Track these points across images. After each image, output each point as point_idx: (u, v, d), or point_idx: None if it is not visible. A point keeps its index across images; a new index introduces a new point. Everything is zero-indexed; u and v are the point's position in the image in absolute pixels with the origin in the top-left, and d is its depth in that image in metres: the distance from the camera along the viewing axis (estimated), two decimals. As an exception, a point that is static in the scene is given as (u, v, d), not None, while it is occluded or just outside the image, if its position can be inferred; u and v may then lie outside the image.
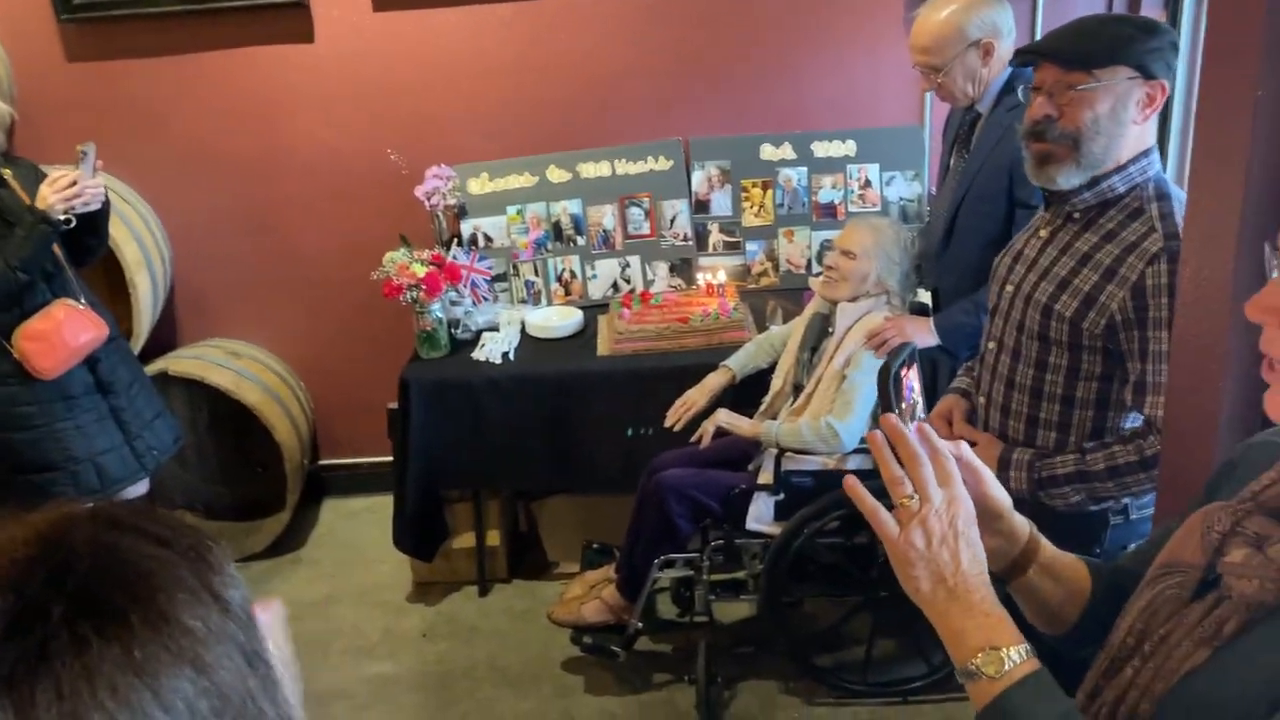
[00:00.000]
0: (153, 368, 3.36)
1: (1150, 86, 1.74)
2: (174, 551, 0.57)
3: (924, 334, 2.66)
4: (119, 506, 0.60)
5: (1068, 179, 1.81)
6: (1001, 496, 1.04)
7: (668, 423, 2.89)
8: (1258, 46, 1.28)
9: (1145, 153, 1.80)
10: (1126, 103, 1.74)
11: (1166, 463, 1.63)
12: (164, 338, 3.70)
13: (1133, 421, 1.86)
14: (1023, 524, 1.07)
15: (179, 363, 3.47)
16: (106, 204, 2.70)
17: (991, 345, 2.02)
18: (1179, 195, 1.79)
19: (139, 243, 3.36)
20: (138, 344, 3.35)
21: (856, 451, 2.68)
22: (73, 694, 0.48)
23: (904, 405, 1.01)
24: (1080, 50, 1.75)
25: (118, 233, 3.20)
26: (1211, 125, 1.43)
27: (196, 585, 0.56)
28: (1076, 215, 1.85)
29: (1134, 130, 1.77)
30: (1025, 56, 1.87)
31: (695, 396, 2.91)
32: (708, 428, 2.80)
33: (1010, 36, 2.61)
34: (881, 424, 0.97)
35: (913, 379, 1.07)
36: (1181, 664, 0.89)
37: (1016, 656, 0.89)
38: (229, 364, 3.52)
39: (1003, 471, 1.90)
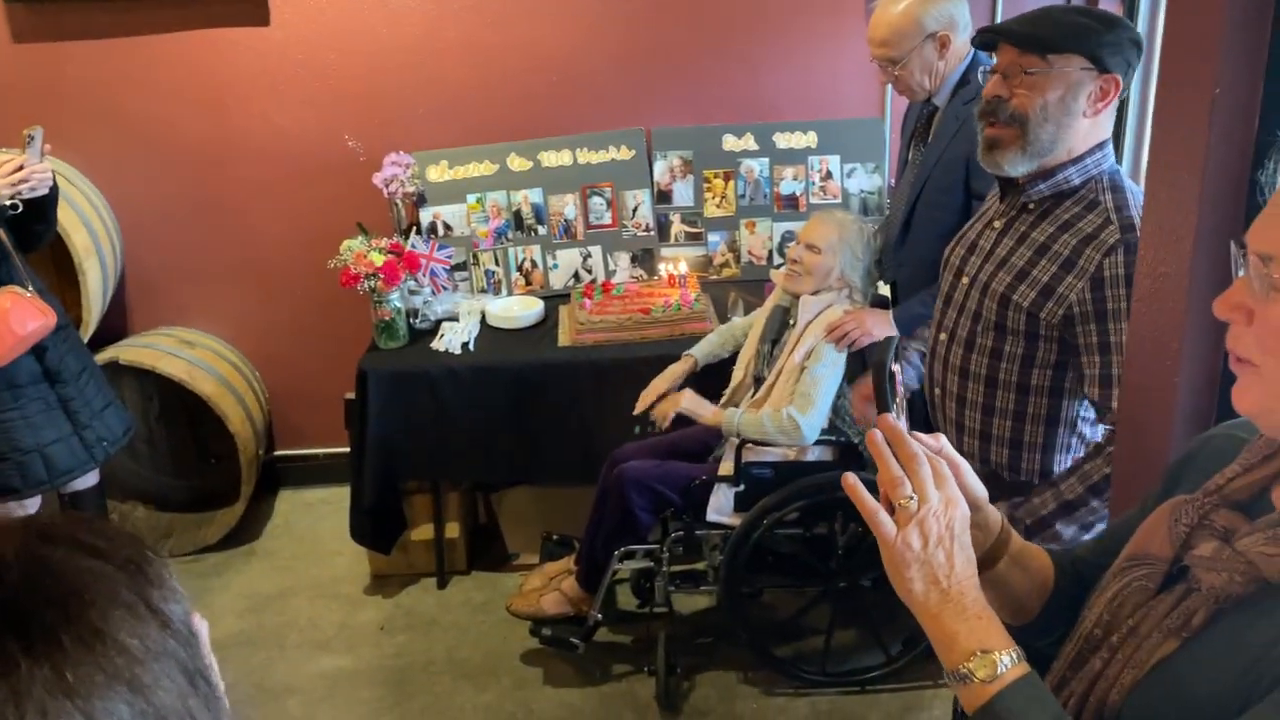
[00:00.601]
0: (103, 357, 3.29)
1: (1104, 80, 1.75)
2: (110, 564, 0.54)
3: (884, 327, 2.67)
4: (52, 516, 0.57)
5: (1014, 165, 1.82)
6: (979, 488, 1.04)
7: (637, 410, 2.88)
8: (1216, 44, 1.29)
9: (1100, 146, 1.82)
10: (1078, 93, 1.75)
11: (1122, 456, 1.64)
12: (114, 326, 3.62)
13: (1087, 409, 1.88)
14: (996, 516, 1.08)
15: (130, 351, 3.39)
16: (54, 189, 2.63)
17: (943, 336, 2.03)
18: (1133, 188, 1.81)
19: (88, 229, 3.28)
20: (87, 332, 3.28)
21: (817, 443, 2.69)
22: None
23: (898, 400, 1.00)
24: (1037, 34, 1.77)
25: (66, 219, 3.12)
26: (1169, 122, 1.44)
27: (134, 600, 0.53)
28: (1032, 206, 1.87)
29: (1084, 122, 1.78)
30: (985, 36, 1.89)
31: (660, 385, 2.91)
32: (666, 409, 2.79)
33: (967, 30, 2.63)
34: (879, 425, 0.96)
35: (898, 372, 1.06)
36: (1151, 655, 0.90)
37: (1009, 660, 0.89)
38: (181, 353, 3.46)
39: None
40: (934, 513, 0.91)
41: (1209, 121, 1.33)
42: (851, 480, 0.95)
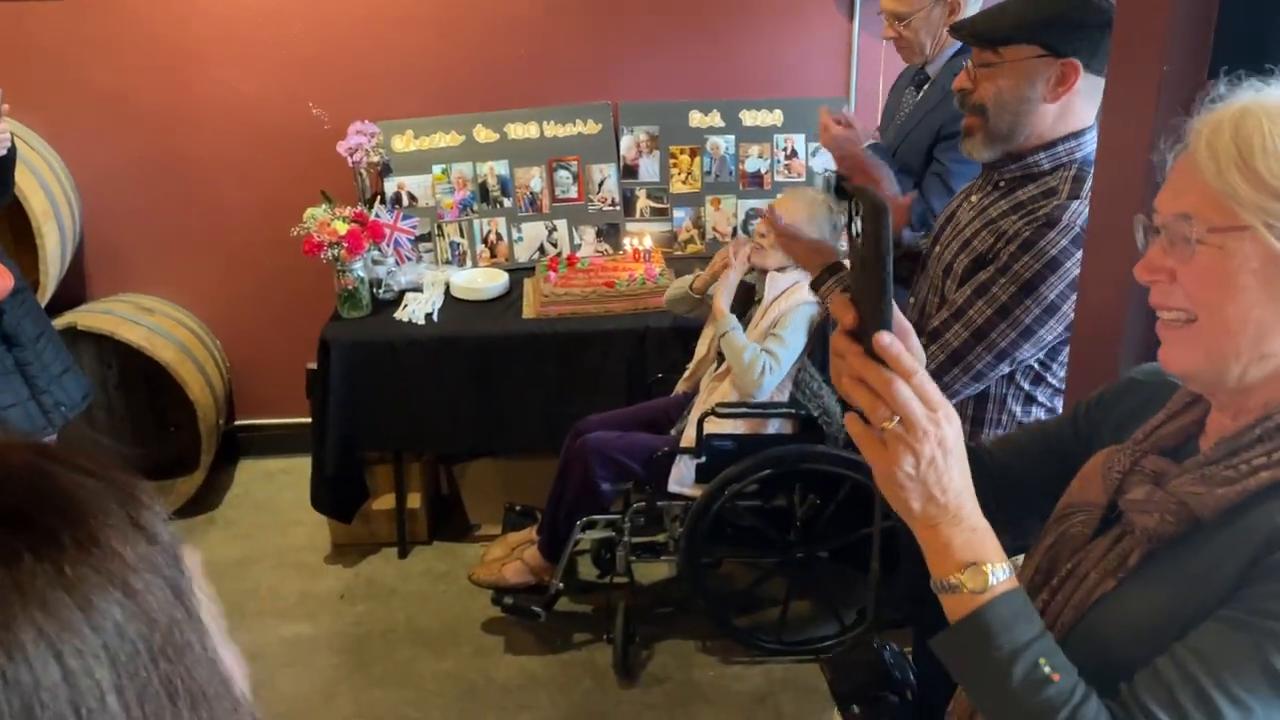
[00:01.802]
0: (61, 322, 3.25)
1: (1063, 65, 1.76)
2: (103, 483, 0.57)
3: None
4: (47, 441, 0.60)
5: (979, 152, 1.88)
6: (919, 351, 1.06)
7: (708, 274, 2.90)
8: (1165, 21, 1.33)
9: (1077, 133, 1.82)
10: (1034, 81, 1.77)
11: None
12: (73, 291, 3.58)
13: (1016, 389, 1.92)
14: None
15: (88, 317, 3.37)
16: (12, 151, 2.60)
17: (912, 300, 2.07)
18: None
19: (46, 192, 3.25)
20: (45, 296, 3.25)
21: (776, 415, 2.74)
22: (4, 604, 0.49)
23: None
24: (987, 29, 1.82)
25: (24, 181, 3.09)
26: (1118, 99, 1.49)
27: (124, 516, 0.56)
28: (1002, 184, 1.91)
29: (1048, 109, 1.79)
30: (951, 34, 1.95)
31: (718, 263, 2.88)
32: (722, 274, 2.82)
33: (978, 4, 2.67)
34: (875, 343, 0.88)
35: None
36: (1091, 594, 0.96)
37: (1001, 573, 0.91)
38: (141, 320, 3.44)
39: None
40: (923, 431, 0.88)
41: (1157, 99, 1.38)
42: (849, 415, 0.92)
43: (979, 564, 0.90)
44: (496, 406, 3.16)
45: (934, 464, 0.88)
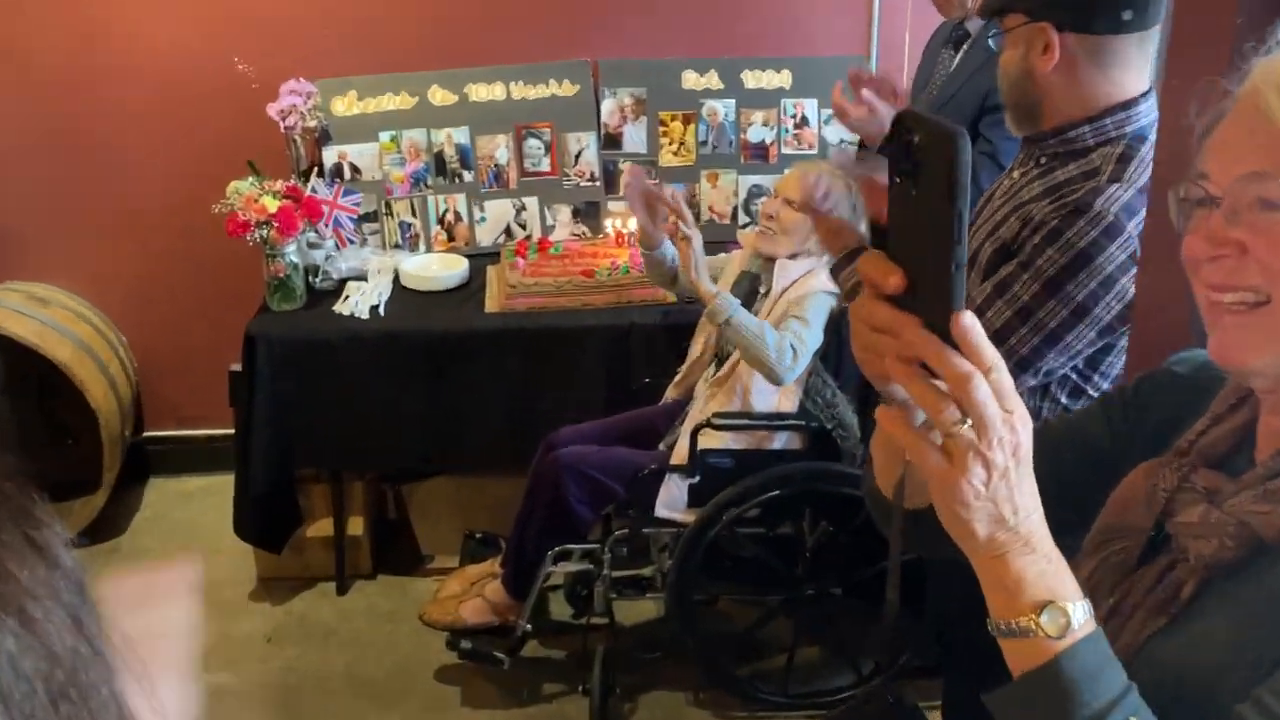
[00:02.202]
0: (-63, 314, 3.25)
1: (1043, 30, 1.78)
2: None
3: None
4: None
5: (1012, 126, 1.95)
6: None
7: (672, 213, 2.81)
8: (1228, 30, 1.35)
9: (1126, 104, 1.81)
10: (1026, 51, 1.82)
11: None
12: (-49, 278, 3.58)
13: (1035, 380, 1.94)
14: None
15: (-30, 309, 3.36)
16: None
17: None
18: (1148, 158, 1.80)
19: (-79, 160, 3.23)
20: (-82, 284, 3.24)
21: (783, 428, 2.75)
22: None
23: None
24: (990, 2, 1.90)
25: (-106, 146, 3.08)
26: (1183, 59, 1.50)
27: (19, 534, 0.56)
28: (1043, 160, 1.92)
29: (1051, 78, 1.80)
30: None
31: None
32: (683, 236, 2.75)
33: None
34: (954, 325, 0.81)
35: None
36: (1140, 632, 0.96)
37: (1082, 613, 0.86)
38: (33, 312, 3.43)
39: None
40: (999, 439, 0.82)
41: (1230, 56, 1.38)
42: (883, 409, 0.88)
43: (1056, 602, 0.85)
44: (453, 416, 3.16)
45: (1006, 477, 0.83)
